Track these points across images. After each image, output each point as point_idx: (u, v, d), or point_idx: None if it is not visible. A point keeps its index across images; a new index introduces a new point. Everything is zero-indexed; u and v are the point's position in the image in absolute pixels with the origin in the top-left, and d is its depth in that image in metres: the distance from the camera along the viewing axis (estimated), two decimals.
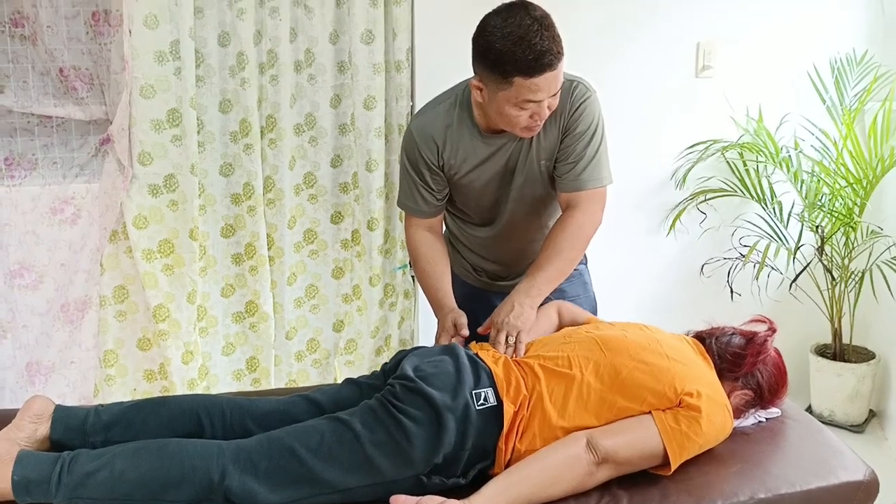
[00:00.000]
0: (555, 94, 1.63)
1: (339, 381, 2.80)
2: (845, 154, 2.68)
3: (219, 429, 1.54)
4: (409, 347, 2.49)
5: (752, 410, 1.67)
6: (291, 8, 2.44)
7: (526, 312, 1.65)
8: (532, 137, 1.79)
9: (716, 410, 1.49)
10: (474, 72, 1.69)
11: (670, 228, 2.87)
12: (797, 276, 2.81)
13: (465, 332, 1.75)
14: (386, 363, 1.68)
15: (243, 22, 2.40)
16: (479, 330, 1.72)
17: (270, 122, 2.52)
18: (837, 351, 2.86)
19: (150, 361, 2.58)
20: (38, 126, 2.42)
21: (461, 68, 2.65)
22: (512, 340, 1.60)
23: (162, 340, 2.53)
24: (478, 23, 1.98)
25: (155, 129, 2.40)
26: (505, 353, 1.58)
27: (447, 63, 2.61)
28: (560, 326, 1.82)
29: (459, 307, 1.85)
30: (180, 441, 1.43)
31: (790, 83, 2.85)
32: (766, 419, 1.69)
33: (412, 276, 2.76)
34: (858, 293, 2.72)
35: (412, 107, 2.60)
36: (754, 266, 2.87)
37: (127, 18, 2.28)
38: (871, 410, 2.92)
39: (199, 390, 2.63)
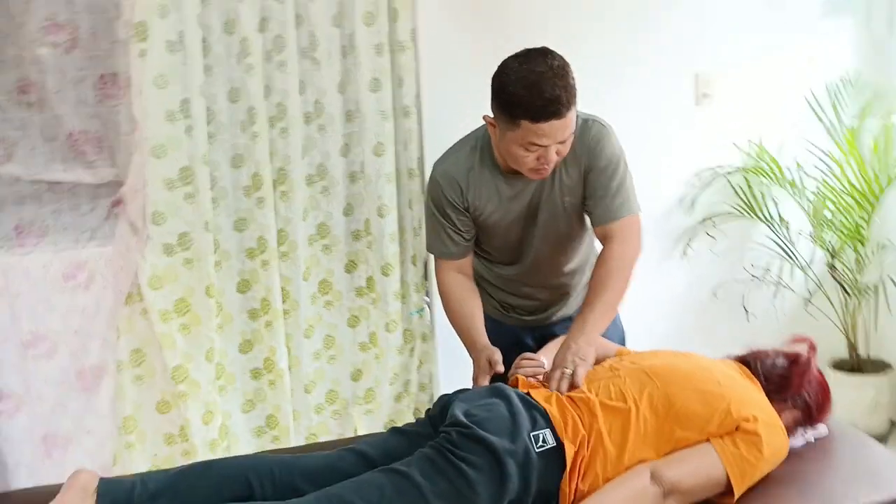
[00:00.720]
0: (563, 142, 1.66)
1: (360, 431, 2.79)
2: (848, 171, 2.72)
3: (269, 489, 1.50)
4: (447, 392, 2.45)
5: (801, 430, 1.67)
6: (300, 61, 2.45)
7: (583, 349, 1.65)
8: (553, 175, 1.81)
9: (773, 434, 1.49)
10: (491, 109, 1.72)
11: (683, 254, 2.89)
12: (813, 293, 2.83)
13: (500, 367, 1.74)
14: (429, 409, 1.66)
15: (252, 77, 2.40)
16: (542, 379, 1.69)
17: (282, 175, 2.51)
18: (854, 364, 2.88)
19: (170, 424, 2.52)
20: (46, 192, 2.39)
21: (468, 112, 2.68)
22: (568, 373, 1.59)
23: (182, 402, 2.48)
24: (481, 66, 2.02)
25: (167, 187, 2.38)
26: (559, 387, 1.56)
27: (454, 107, 2.64)
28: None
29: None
30: None
31: (787, 107, 2.91)
32: (815, 438, 1.69)
33: (431, 318, 2.74)
34: (876, 306, 2.75)
35: (422, 151, 2.61)
36: (767, 286, 2.89)
37: (136, 80, 2.28)
38: (891, 420, 2.93)
39: (220, 451, 2.57)
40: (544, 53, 1.64)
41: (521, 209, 1.86)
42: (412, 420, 2.80)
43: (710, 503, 1.45)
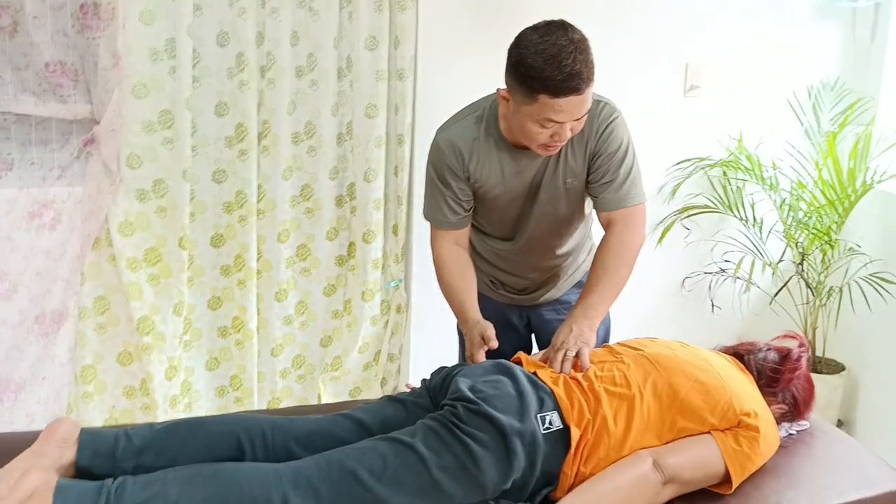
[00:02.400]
0: (578, 119, 1.63)
1: (324, 397, 2.75)
2: (825, 174, 2.78)
3: (260, 451, 1.45)
4: (417, 363, 2.42)
5: (786, 423, 1.70)
6: (295, 10, 2.35)
7: (585, 333, 1.63)
8: (559, 156, 1.78)
9: (770, 429, 1.51)
10: (505, 82, 1.67)
11: (658, 243, 2.92)
12: (778, 291, 2.90)
13: (494, 343, 1.71)
14: (425, 379, 1.63)
15: (244, 22, 2.29)
16: (538, 359, 1.67)
17: (266, 129, 2.42)
18: (811, 363, 2.96)
19: (131, 377, 2.43)
20: (14, 124, 2.24)
21: (463, 79, 2.63)
22: (571, 355, 1.57)
23: (145, 355, 2.38)
24: (479, 33, 1.91)
25: (146, 130, 2.27)
26: (562, 369, 1.55)
27: (450, 73, 2.59)
28: None
29: None
30: (234, 466, 1.33)
31: (771, 106, 2.95)
32: (797, 431, 1.73)
33: (407, 290, 2.70)
34: (838, 308, 2.83)
35: (413, 116, 2.55)
36: (735, 280, 2.95)
37: (121, 12, 2.15)
38: (839, 420, 3.04)
39: (180, 408, 2.50)
40: (564, 26, 1.59)
41: (523, 186, 1.83)
42: (378, 389, 2.78)
43: (704, 491, 1.47)
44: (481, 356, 1.71)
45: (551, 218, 1.88)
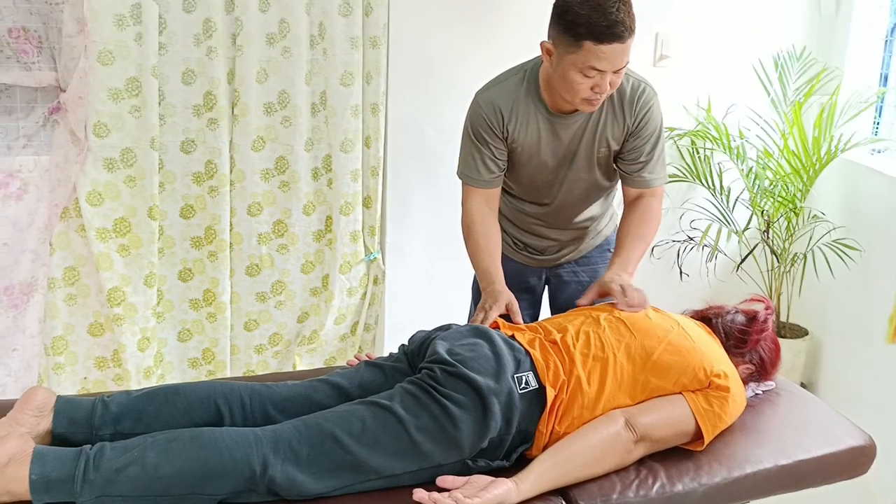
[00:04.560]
0: (618, 71, 1.67)
1: (299, 367, 2.75)
2: (791, 143, 2.83)
3: (238, 417, 1.46)
4: (392, 333, 2.39)
5: (753, 384, 1.75)
6: None
7: (629, 285, 1.71)
8: (596, 125, 1.83)
9: (738, 390, 1.55)
10: (548, 35, 1.72)
11: None
12: (744, 258, 2.96)
13: (519, 319, 1.72)
14: (403, 344, 1.64)
15: None
16: (581, 302, 1.74)
17: (236, 97, 2.39)
18: (776, 327, 3.03)
19: (103, 348, 2.41)
20: None
21: (436, 47, 2.62)
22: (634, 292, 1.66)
23: (116, 325, 2.37)
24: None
25: (113, 98, 2.23)
26: (638, 301, 1.62)
27: (422, 41, 2.58)
28: None
29: None
30: (212, 430, 1.34)
31: (739, 75, 2.98)
32: (763, 391, 1.78)
33: (383, 261, 2.71)
34: (802, 274, 2.90)
35: (387, 85, 2.53)
36: (702, 248, 3.00)
37: None
38: (802, 382, 3.12)
39: (154, 379, 2.49)
40: None
41: (559, 151, 1.87)
42: (353, 358, 2.79)
43: (677, 448, 1.51)
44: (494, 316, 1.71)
45: (583, 184, 1.93)
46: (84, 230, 2.29)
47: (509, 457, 1.43)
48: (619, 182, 1.97)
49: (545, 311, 2.20)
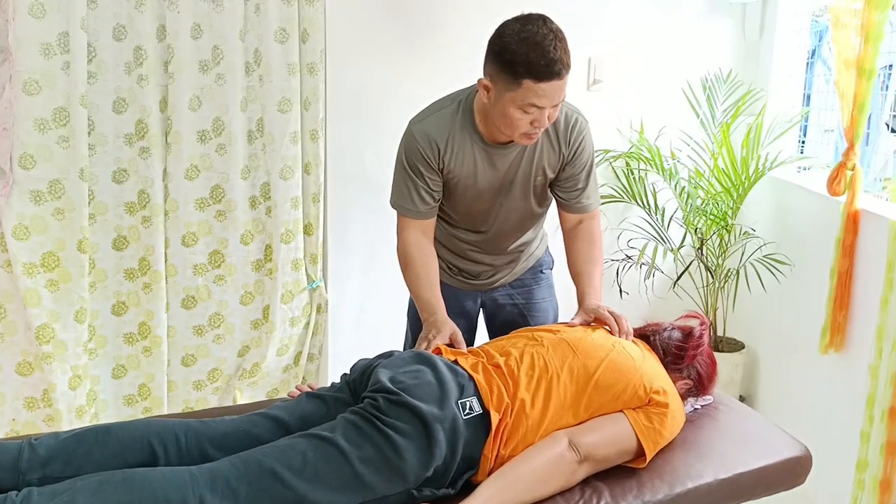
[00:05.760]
0: (556, 106, 1.71)
1: (239, 401, 2.68)
2: (720, 163, 2.92)
3: (174, 456, 1.41)
4: (335, 363, 2.34)
5: (691, 398, 1.78)
6: (196, 1, 2.28)
7: (609, 308, 1.77)
8: (532, 155, 1.85)
9: (677, 405, 1.58)
10: (485, 72, 1.73)
11: None
12: (680, 275, 3.02)
13: (463, 348, 1.72)
14: (345, 374, 1.62)
15: (141, 14, 2.22)
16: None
17: (168, 125, 2.35)
18: (712, 342, 3.10)
19: (32, 388, 2.32)
20: None
21: (373, 73, 2.63)
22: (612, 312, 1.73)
23: (46, 364, 2.28)
24: (388, 26, 1.91)
25: (39, 129, 2.17)
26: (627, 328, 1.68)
27: (359, 67, 2.58)
28: None
29: None
30: (146, 471, 1.29)
31: (669, 98, 3.07)
32: (702, 406, 1.81)
33: (326, 289, 2.67)
34: (736, 289, 2.98)
35: (325, 111, 2.52)
36: (640, 267, 3.06)
37: (11, 5, 2.04)
38: (741, 395, 3.20)
39: (87, 418, 2.40)
40: (542, 18, 1.68)
41: (496, 181, 1.88)
42: (294, 389, 2.74)
43: (620, 466, 1.52)
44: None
45: (520, 212, 1.95)
46: (10, 265, 2.21)
47: (455, 484, 1.42)
48: (552, 208, 2.01)
49: (481, 334, 2.20)
